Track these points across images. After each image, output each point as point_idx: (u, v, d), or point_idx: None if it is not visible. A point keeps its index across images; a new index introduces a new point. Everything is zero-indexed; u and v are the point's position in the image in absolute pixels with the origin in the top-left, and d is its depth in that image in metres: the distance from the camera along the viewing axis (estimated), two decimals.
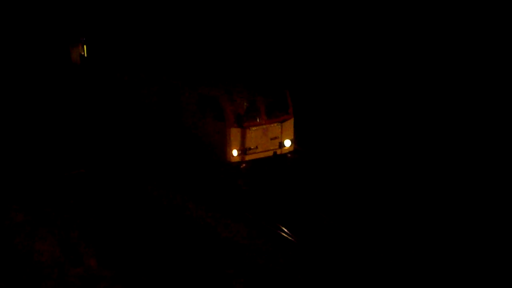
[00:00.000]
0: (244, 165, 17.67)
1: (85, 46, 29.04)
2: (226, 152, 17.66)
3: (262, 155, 18.05)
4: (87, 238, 13.95)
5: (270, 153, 18.17)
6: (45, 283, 12.04)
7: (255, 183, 18.01)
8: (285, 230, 14.97)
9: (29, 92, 28.71)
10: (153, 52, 24.94)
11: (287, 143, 18.42)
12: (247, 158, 17.77)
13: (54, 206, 15.75)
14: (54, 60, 32.19)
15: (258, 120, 17.81)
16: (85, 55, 29.15)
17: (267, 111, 17.99)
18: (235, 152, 17.57)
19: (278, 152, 18.30)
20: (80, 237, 13.97)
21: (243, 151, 17.64)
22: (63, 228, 14.34)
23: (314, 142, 21.64)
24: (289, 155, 18.50)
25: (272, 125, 17.96)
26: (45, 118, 25.29)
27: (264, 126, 17.82)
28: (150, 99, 22.34)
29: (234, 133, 17.45)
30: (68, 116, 25.50)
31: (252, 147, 17.74)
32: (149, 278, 12.35)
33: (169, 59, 23.20)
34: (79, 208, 15.78)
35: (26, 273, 12.34)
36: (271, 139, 18.09)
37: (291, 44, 28.23)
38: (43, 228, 14.35)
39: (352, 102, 24.87)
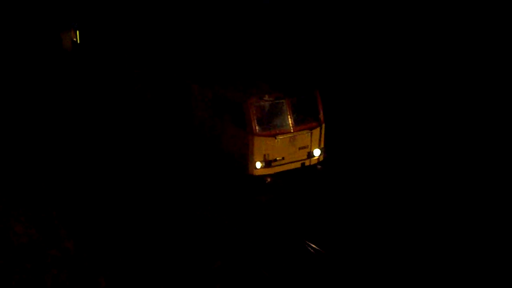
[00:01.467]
0: (269, 179, 15.23)
1: (77, 32, 26.22)
2: (248, 163, 15.20)
3: (288, 167, 15.61)
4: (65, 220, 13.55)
5: (298, 165, 15.75)
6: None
7: (279, 201, 15.61)
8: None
9: (15, 81, 25.94)
10: (158, 42, 21.96)
11: (317, 152, 15.99)
12: (272, 170, 15.33)
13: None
14: (43, 46, 29.38)
15: (285, 127, 15.34)
16: (78, 41, 26.36)
17: (296, 117, 15.53)
18: (258, 164, 15.11)
19: (307, 163, 15.88)
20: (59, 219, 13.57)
21: (267, 162, 15.20)
22: (39, 210, 13.90)
23: (344, 149, 19.15)
24: (318, 166, 16.07)
25: (300, 133, 15.50)
26: (31, 108, 22.65)
27: (292, 134, 15.35)
28: (154, 96, 19.76)
29: (258, 143, 14.97)
30: (58, 108, 22.82)
31: (278, 158, 15.30)
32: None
33: (177, 52, 20.36)
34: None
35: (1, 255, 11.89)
36: (299, 148, 15.64)
37: (315, 37, 25.42)
38: (18, 210, 13.85)
39: (383, 103, 22.27)
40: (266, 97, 15.11)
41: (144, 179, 16.66)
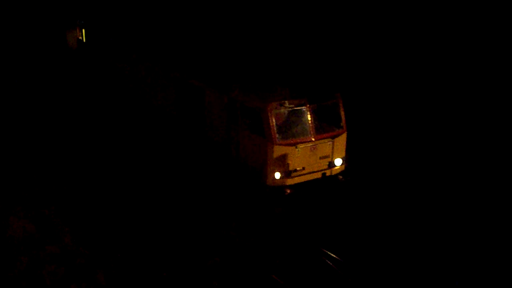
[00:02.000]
0: (288, 190, 14.28)
1: (83, 30, 25.26)
2: (265, 173, 14.26)
3: (308, 177, 14.67)
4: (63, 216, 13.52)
5: (318, 175, 14.81)
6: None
7: (297, 212, 14.69)
8: None
9: (17, 81, 24.99)
10: (168, 41, 20.95)
11: (338, 162, 15.05)
12: (292, 181, 14.39)
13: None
14: (47, 45, 28.42)
15: (306, 135, 14.39)
16: (84, 40, 25.39)
17: (317, 124, 14.58)
18: (277, 175, 14.17)
19: (328, 173, 14.94)
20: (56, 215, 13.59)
21: (286, 173, 14.25)
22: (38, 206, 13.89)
23: (366, 157, 18.18)
24: (340, 177, 15.12)
25: (322, 141, 14.55)
26: (33, 109, 21.74)
27: (313, 143, 14.40)
28: (164, 98, 18.81)
29: (277, 152, 14.03)
30: (61, 109, 21.88)
31: (298, 169, 14.36)
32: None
33: (189, 52, 19.23)
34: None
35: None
36: (320, 158, 14.70)
37: (331, 36, 24.19)
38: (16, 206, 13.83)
39: (406, 106, 21.13)
40: (287, 103, 14.16)
41: (155, 192, 15.74)
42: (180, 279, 11.70)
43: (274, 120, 13.98)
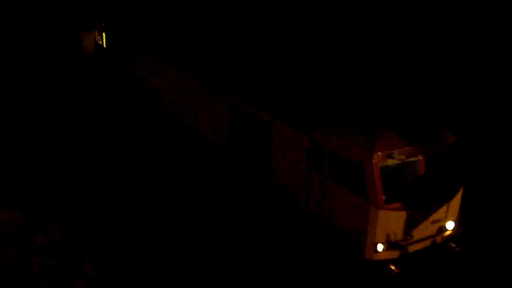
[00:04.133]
0: (394, 268, 10.83)
1: (103, 34, 21.65)
2: (364, 244, 10.83)
3: (415, 247, 11.24)
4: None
5: (427, 243, 11.39)
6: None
7: None
8: None
9: (21, 92, 21.52)
10: (221, 54, 16.82)
11: (450, 225, 11.61)
12: (397, 254, 10.96)
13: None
14: (59, 48, 24.80)
15: (418, 195, 10.95)
16: (104, 45, 21.78)
17: (431, 180, 11.14)
18: (380, 247, 10.74)
19: (438, 240, 11.51)
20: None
21: (392, 244, 10.82)
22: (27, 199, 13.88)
23: (481, 216, 14.31)
24: (452, 245, 11.67)
25: (437, 203, 11.11)
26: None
27: (427, 205, 10.97)
28: (210, 127, 15.33)
29: (383, 218, 10.58)
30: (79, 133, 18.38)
31: (405, 238, 10.93)
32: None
33: (251, 70, 15.11)
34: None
35: None
36: (432, 222, 11.27)
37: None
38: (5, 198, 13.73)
39: None
40: (396, 154, 10.68)
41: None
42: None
43: (380, 177, 10.53)
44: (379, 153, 10.53)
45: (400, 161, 10.68)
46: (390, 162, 10.63)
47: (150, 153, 16.99)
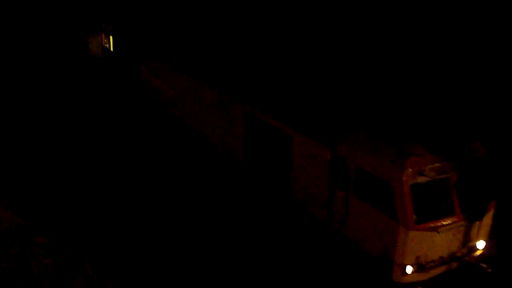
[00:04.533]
0: None
1: (111, 37, 21.06)
2: (392, 266, 10.24)
3: (445, 268, 10.64)
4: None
5: (458, 264, 10.78)
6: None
7: None
8: None
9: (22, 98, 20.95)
10: (236, 60, 15.89)
11: (481, 245, 11.01)
12: (426, 276, 10.37)
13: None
14: (63, 51, 24.22)
15: (449, 214, 10.35)
16: (111, 49, 21.20)
17: (463, 197, 10.53)
18: (409, 269, 10.14)
19: (469, 260, 10.90)
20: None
21: (421, 265, 10.23)
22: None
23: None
24: (483, 265, 11.06)
25: (469, 221, 10.51)
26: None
27: (459, 224, 10.37)
28: (225, 137, 14.75)
29: (413, 239, 10.00)
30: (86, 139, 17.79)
31: (435, 259, 10.34)
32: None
33: (269, 78, 14.31)
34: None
35: None
36: (462, 242, 10.68)
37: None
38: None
39: None
40: (427, 170, 10.08)
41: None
42: None
43: (411, 196, 9.93)
44: (410, 170, 9.93)
45: (431, 178, 10.08)
46: (421, 179, 10.03)
47: (159, 162, 16.39)
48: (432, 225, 10.10)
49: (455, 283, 10.89)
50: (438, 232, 10.08)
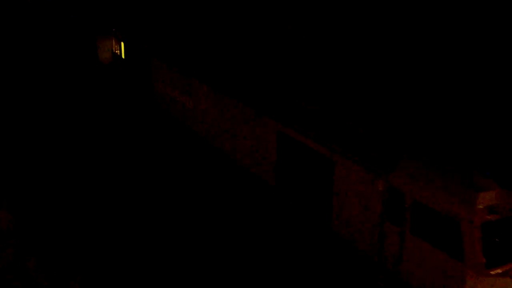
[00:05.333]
0: None
1: (122, 43, 19.80)
2: None
3: None
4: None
5: None
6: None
7: None
8: None
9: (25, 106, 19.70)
10: (260, 70, 14.37)
11: None
12: None
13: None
14: (71, 56, 22.97)
15: None
16: (122, 55, 19.94)
17: None
18: None
19: None
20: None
21: None
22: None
23: None
24: None
25: None
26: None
27: None
28: (252, 155, 13.51)
29: (483, 285, 8.80)
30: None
31: None
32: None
33: (300, 89, 12.77)
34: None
35: None
36: None
37: None
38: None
39: None
40: (499, 207, 8.89)
41: None
42: None
43: (480, 236, 8.73)
44: (481, 207, 8.73)
45: (503, 216, 8.89)
46: (492, 217, 8.83)
47: (178, 180, 15.14)
48: (504, 269, 8.90)
49: None
50: (510, 277, 8.90)
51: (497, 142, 10.57)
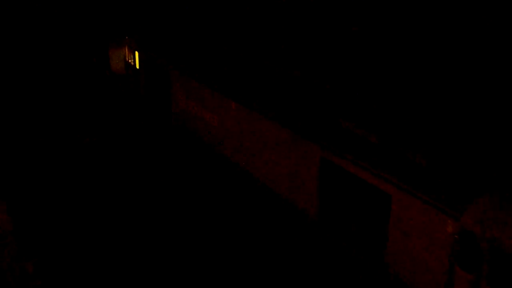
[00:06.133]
0: None
1: (136, 53, 18.55)
2: None
3: None
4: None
5: None
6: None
7: None
8: None
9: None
10: (300, 87, 12.69)
11: None
12: None
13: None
14: (80, 66, 21.76)
15: None
16: (136, 65, 18.68)
17: None
18: None
19: None
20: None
21: None
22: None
23: None
24: None
25: None
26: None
27: None
28: (287, 183, 12.28)
29: None
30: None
31: None
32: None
33: (345, 110, 11.24)
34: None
35: None
36: None
37: None
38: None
39: None
40: None
41: None
42: None
43: None
44: None
45: None
46: None
47: (205, 211, 13.86)
48: None
49: None
50: None
51: None
